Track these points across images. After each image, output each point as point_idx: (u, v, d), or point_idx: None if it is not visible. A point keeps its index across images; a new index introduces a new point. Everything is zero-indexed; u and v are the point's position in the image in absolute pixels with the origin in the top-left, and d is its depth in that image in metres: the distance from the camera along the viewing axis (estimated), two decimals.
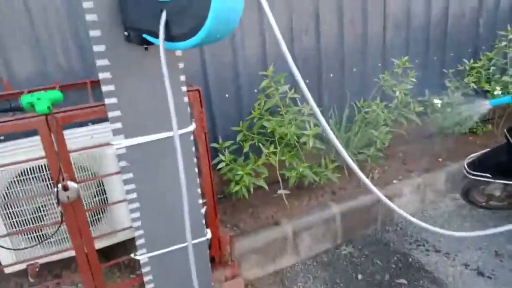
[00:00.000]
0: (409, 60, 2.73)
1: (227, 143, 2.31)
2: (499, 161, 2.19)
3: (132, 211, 1.46)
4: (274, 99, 2.31)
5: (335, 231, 2.39)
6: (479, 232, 1.07)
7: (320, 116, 0.94)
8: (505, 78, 3.05)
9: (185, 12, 0.84)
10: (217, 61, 2.43)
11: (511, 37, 3.08)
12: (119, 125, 1.30)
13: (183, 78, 1.38)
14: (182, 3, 0.83)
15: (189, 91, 1.53)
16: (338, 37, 2.79)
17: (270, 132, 2.36)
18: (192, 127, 1.50)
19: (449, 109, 2.84)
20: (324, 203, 2.41)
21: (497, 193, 2.39)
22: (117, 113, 1.28)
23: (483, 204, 2.49)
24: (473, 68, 3.02)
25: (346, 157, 0.99)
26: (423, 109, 2.70)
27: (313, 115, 2.41)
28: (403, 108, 2.72)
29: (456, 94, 2.92)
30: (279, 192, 2.52)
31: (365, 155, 2.61)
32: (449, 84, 2.96)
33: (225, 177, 2.30)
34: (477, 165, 2.28)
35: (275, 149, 2.28)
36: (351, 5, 2.75)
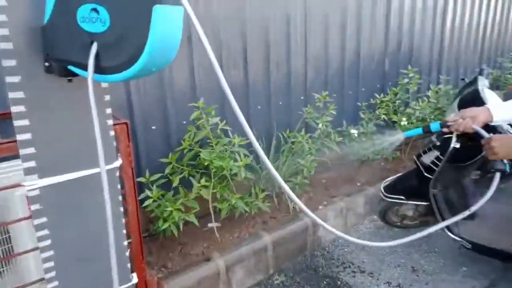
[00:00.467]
0: (328, 94, 2.95)
1: (154, 177, 2.20)
2: (410, 184, 2.42)
3: (44, 260, 1.28)
4: (205, 131, 2.28)
5: (267, 262, 2.37)
6: (395, 241, 1.31)
7: (256, 144, 0.96)
8: (408, 110, 3.45)
9: (119, 43, 0.79)
10: (143, 91, 2.34)
11: (411, 75, 3.53)
12: (32, 164, 1.15)
13: (109, 111, 1.29)
14: (116, 34, 0.78)
15: (116, 125, 1.43)
16: (265, 74, 2.92)
17: (200, 163, 2.32)
18: (118, 163, 1.39)
19: (364, 138, 3.10)
20: (255, 234, 2.40)
21: (410, 213, 2.63)
22: (31, 150, 1.13)
23: (398, 224, 2.71)
24: (382, 101, 3.36)
25: (282, 183, 1.02)
26: (342, 139, 2.90)
27: (243, 146, 2.44)
28: (325, 138, 2.90)
29: (370, 124, 3.21)
30: (209, 225, 2.45)
31: (292, 183, 2.69)
32: (363, 115, 3.25)
33: (151, 214, 2.16)
34: (392, 189, 2.49)
35: (207, 182, 2.23)
36: (276, 46, 2.91)
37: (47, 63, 0.97)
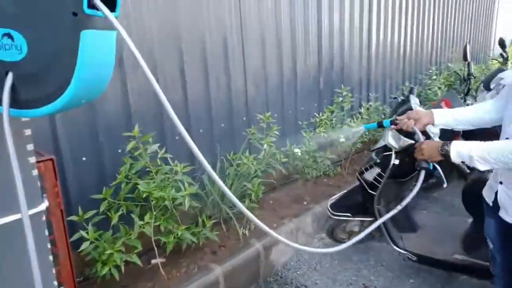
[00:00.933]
0: (270, 114, 2.95)
1: (88, 214, 1.97)
2: (356, 201, 2.47)
3: None
4: (142, 161, 2.12)
5: None
6: (340, 246, 1.30)
7: (208, 167, 0.88)
8: (345, 127, 3.59)
9: (40, 74, 0.66)
10: (70, 121, 2.12)
11: (345, 93, 3.69)
12: None
13: (31, 147, 1.11)
14: (36, 63, 0.65)
15: (39, 162, 1.24)
16: (205, 96, 2.84)
17: (139, 196, 2.14)
18: (44, 205, 1.20)
19: (307, 156, 3.14)
20: (205, 267, 2.25)
21: (356, 229, 2.67)
22: None
23: (346, 240, 2.74)
24: (321, 120, 3.46)
25: (238, 204, 0.95)
26: (287, 160, 2.90)
27: (186, 173, 2.31)
28: (270, 158, 2.88)
29: (311, 143, 3.27)
30: (153, 262, 2.25)
31: None
32: (304, 134, 3.30)
33: (88, 257, 1.93)
34: (339, 207, 2.53)
35: (150, 217, 2.05)
36: (215, 67, 2.86)
37: None
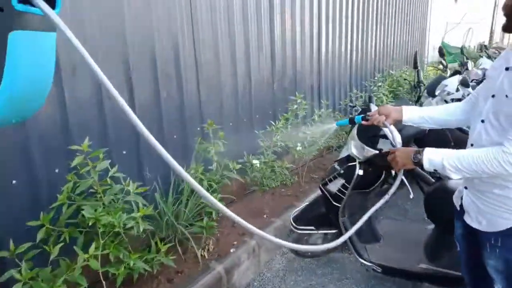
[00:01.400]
0: (224, 123, 2.79)
1: (22, 248, 1.66)
2: (319, 214, 2.39)
3: None
4: (89, 180, 1.86)
5: None
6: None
7: (180, 170, 0.84)
8: (300, 134, 3.54)
9: None
10: None
11: (299, 101, 3.64)
12: None
13: None
14: None
15: None
16: (155, 105, 2.61)
17: (83, 221, 1.86)
18: None
19: (265, 167, 3.02)
20: None
21: (320, 242, 2.59)
22: None
23: (309, 254, 2.66)
24: (278, 128, 3.37)
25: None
26: (245, 169, 2.75)
27: (140, 194, 2.08)
28: (224, 170, 2.71)
29: (268, 152, 3.16)
30: None
31: (198, 227, 2.41)
32: (262, 144, 3.19)
33: None
34: (302, 220, 2.43)
35: (97, 246, 1.79)
36: (166, 75, 2.65)
37: None
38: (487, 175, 1.29)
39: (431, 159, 1.39)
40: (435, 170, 1.43)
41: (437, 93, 3.67)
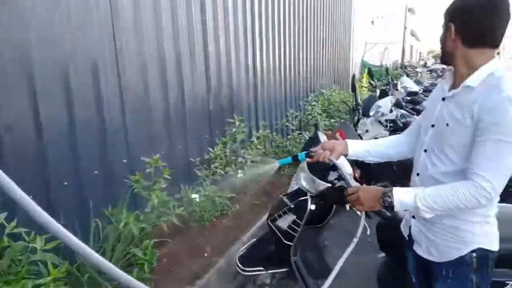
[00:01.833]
0: (154, 152, 2.46)
1: None
2: (268, 253, 2.15)
3: None
4: None
5: None
6: None
7: None
8: (240, 159, 3.31)
9: None
10: None
11: (238, 123, 3.43)
12: None
13: None
14: None
15: None
16: (69, 135, 2.20)
17: None
18: None
19: (205, 199, 2.73)
20: None
21: (268, 281, 2.35)
22: None
23: None
24: (217, 155, 3.11)
25: None
26: (183, 210, 2.43)
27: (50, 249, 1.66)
28: (161, 208, 2.37)
29: (207, 182, 2.87)
30: None
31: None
32: (200, 173, 2.89)
33: None
34: (249, 260, 2.18)
35: None
36: (82, 99, 2.26)
37: None
38: (460, 210, 1.23)
39: (402, 201, 1.28)
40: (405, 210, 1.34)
41: (371, 113, 3.74)
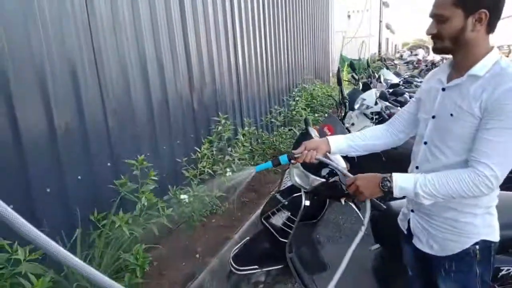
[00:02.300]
0: (139, 154, 2.39)
1: None
2: (262, 251, 2.12)
3: None
4: None
5: None
6: None
7: None
8: (228, 157, 3.26)
9: None
10: None
11: (223, 122, 3.37)
12: None
13: None
14: None
15: None
16: (49, 139, 2.10)
17: None
18: None
19: (195, 200, 2.66)
20: None
21: (262, 279, 2.32)
22: None
23: None
24: (204, 154, 3.05)
25: None
26: (172, 210, 2.37)
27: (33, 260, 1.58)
28: (149, 210, 2.30)
29: (196, 181, 2.81)
30: None
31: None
32: (187, 173, 2.82)
33: None
34: (243, 259, 2.13)
35: None
36: (60, 101, 2.16)
37: None
38: (461, 198, 1.22)
39: (402, 186, 1.26)
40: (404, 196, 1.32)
41: (356, 107, 3.74)
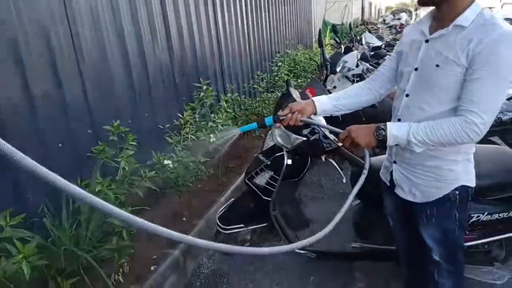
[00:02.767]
0: (120, 120, 2.37)
1: None
2: (247, 210, 2.19)
3: None
4: None
5: None
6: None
7: None
8: (211, 124, 3.27)
9: None
10: None
11: (205, 88, 3.35)
12: None
13: None
14: None
15: None
16: (26, 108, 2.06)
17: None
18: None
19: (180, 166, 2.69)
20: None
21: (248, 237, 2.41)
22: None
23: None
24: (187, 121, 3.03)
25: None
26: (155, 173, 2.39)
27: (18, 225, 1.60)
28: (132, 176, 2.32)
29: (179, 147, 2.82)
30: None
31: (107, 250, 2.00)
32: (170, 140, 2.82)
33: None
34: (229, 219, 2.20)
35: None
36: (35, 68, 2.10)
37: None
38: (451, 145, 1.29)
39: (396, 135, 1.31)
40: (396, 144, 1.35)
41: (337, 69, 3.75)
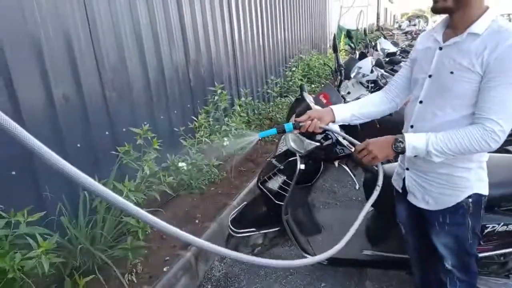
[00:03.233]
0: (137, 123, 2.42)
1: None
2: (259, 214, 2.20)
3: None
4: None
5: None
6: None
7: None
8: (225, 127, 3.30)
9: None
10: None
11: (219, 92, 3.38)
12: None
13: None
14: None
15: None
16: (47, 109, 2.13)
17: None
18: None
19: (194, 168, 2.72)
20: None
21: (260, 241, 2.42)
22: None
23: (250, 254, 2.48)
24: (201, 124, 3.07)
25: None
26: (173, 178, 2.43)
27: (35, 223, 1.65)
28: (151, 178, 2.36)
29: (193, 150, 2.86)
30: None
31: (122, 249, 2.04)
32: (185, 143, 2.87)
33: None
34: (241, 222, 2.22)
35: None
36: (57, 72, 2.17)
37: None
38: (470, 154, 1.30)
39: (415, 146, 1.30)
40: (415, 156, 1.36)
41: (352, 75, 3.75)
